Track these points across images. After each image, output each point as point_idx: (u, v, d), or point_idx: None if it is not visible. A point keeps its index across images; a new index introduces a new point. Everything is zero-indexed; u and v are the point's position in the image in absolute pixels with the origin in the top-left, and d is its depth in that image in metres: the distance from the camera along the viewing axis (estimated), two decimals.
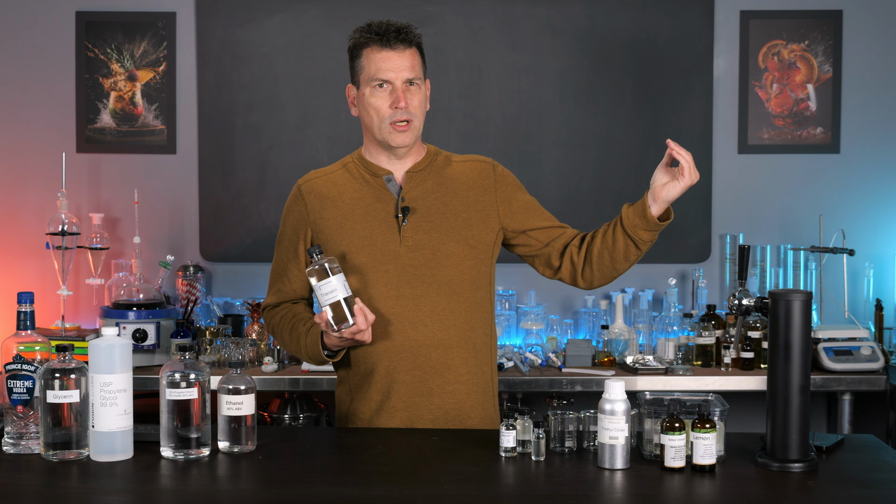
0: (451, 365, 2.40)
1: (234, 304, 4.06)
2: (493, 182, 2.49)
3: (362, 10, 4.00)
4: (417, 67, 2.40)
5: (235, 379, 2.17)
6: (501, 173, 2.51)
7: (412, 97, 2.39)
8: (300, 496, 1.92)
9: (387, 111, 2.38)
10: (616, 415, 2.04)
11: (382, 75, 2.37)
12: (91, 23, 4.08)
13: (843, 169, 4.10)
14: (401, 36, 2.39)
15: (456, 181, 2.47)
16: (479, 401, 2.44)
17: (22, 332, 2.25)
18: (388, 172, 2.45)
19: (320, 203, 2.46)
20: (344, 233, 2.42)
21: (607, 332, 3.74)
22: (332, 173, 2.50)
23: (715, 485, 1.99)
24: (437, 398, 2.40)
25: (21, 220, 4.11)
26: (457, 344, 2.41)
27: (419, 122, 2.41)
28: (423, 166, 2.47)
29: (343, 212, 2.44)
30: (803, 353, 2.07)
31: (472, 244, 2.43)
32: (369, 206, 2.43)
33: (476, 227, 2.45)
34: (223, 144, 4.10)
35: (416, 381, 2.40)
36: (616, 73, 4.08)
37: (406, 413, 2.41)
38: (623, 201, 4.05)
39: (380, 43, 2.38)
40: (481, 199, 2.47)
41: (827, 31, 4.06)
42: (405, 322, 2.39)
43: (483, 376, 2.46)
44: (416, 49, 2.42)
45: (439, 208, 2.43)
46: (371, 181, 2.45)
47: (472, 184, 2.48)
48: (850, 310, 3.96)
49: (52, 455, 2.12)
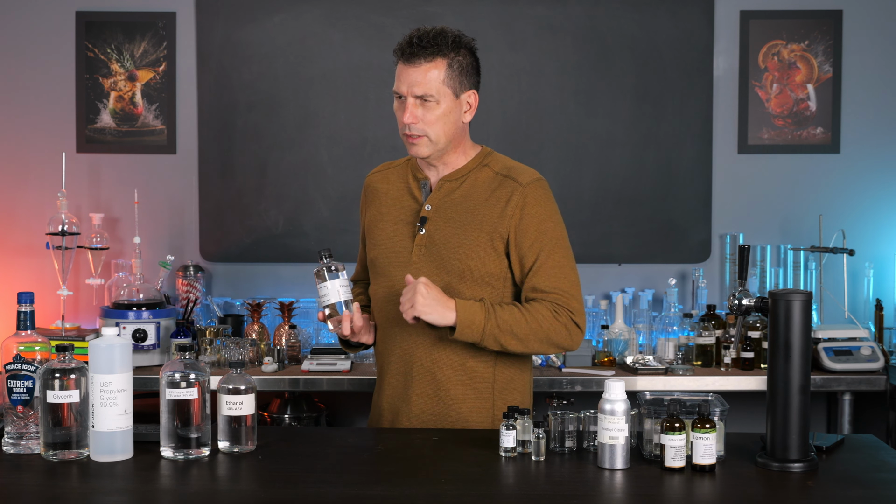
0: (443, 380, 2.40)
1: (234, 304, 4.06)
2: (515, 205, 2.38)
3: (362, 10, 4.00)
4: (434, 83, 2.34)
5: (235, 379, 2.17)
6: (532, 198, 2.39)
7: (425, 112, 2.35)
8: (300, 496, 1.92)
9: (402, 122, 2.39)
10: (616, 415, 2.04)
11: (397, 88, 2.39)
12: (91, 23, 4.08)
13: (843, 169, 4.10)
14: (419, 49, 2.34)
15: (481, 196, 2.40)
16: (479, 416, 2.41)
17: (22, 332, 2.25)
18: (426, 178, 2.46)
19: (372, 197, 2.53)
20: (378, 230, 2.48)
21: (607, 332, 3.74)
22: (391, 169, 2.55)
23: (715, 485, 1.99)
24: (451, 416, 2.41)
25: (21, 220, 4.11)
26: (448, 362, 2.40)
27: (435, 136, 2.36)
28: (460, 175, 2.43)
29: (382, 211, 2.49)
30: (803, 353, 2.07)
31: (473, 266, 2.37)
32: (402, 210, 2.46)
33: (481, 249, 2.38)
34: (223, 144, 4.10)
35: (431, 400, 2.41)
36: (616, 73, 4.08)
37: (419, 420, 2.43)
38: (623, 201, 4.13)
39: (402, 55, 2.37)
40: (497, 220, 2.38)
41: (827, 31, 4.06)
42: (402, 331, 2.42)
43: (484, 393, 2.41)
44: (445, 60, 2.35)
45: (455, 222, 2.38)
46: (412, 184, 2.47)
47: (494, 202, 2.40)
48: (850, 310, 3.96)
49: (52, 455, 2.12)
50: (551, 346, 2.37)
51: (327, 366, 3.55)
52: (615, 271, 4.11)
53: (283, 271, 4.11)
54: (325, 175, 4.09)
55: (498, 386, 2.43)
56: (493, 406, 2.42)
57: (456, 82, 2.37)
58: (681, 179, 4.09)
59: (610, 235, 4.10)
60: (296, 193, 4.10)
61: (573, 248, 2.43)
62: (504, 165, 2.45)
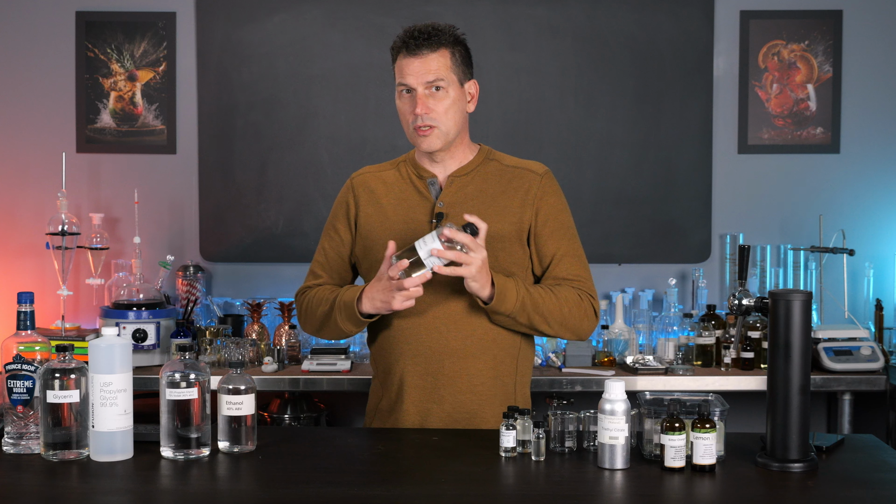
0: (466, 375, 2.39)
1: (234, 304, 4.06)
2: (534, 196, 2.42)
3: (362, 10, 4.00)
4: (443, 70, 2.36)
5: (235, 379, 2.17)
6: (549, 188, 2.44)
7: (436, 102, 2.36)
8: (300, 496, 1.92)
9: (410, 116, 2.38)
10: (616, 415, 2.04)
11: (405, 81, 2.37)
12: (91, 23, 4.08)
13: (843, 169, 4.10)
14: (422, 40, 2.35)
15: (497, 189, 2.43)
16: (497, 410, 2.40)
17: (22, 332, 2.25)
18: (433, 175, 2.44)
19: (368, 197, 2.47)
20: (383, 232, 2.43)
21: (607, 332, 3.74)
22: (384, 171, 2.51)
23: (715, 485, 1.99)
24: (447, 405, 2.40)
25: (21, 220, 4.11)
26: (473, 354, 2.39)
27: (446, 126, 2.37)
28: (469, 170, 2.44)
29: (386, 211, 2.45)
30: (803, 353, 2.07)
31: (499, 256, 2.38)
32: (410, 209, 2.43)
33: (507, 241, 2.40)
34: (223, 144, 4.10)
35: (429, 387, 2.40)
36: (616, 73, 4.08)
37: (418, 417, 2.41)
38: (623, 201, 4.12)
39: (404, 49, 2.37)
40: (518, 211, 2.41)
41: (827, 31, 4.06)
42: (421, 328, 2.39)
43: (504, 387, 2.43)
44: (448, 50, 2.38)
45: (478, 216, 2.35)
46: (417, 183, 2.45)
47: (513, 194, 2.42)
48: (850, 310, 3.96)
49: (52, 455, 2.12)
50: (569, 330, 2.41)
51: (327, 366, 3.55)
52: (615, 271, 4.11)
53: (283, 271, 4.11)
54: (325, 175, 4.09)
55: (519, 380, 2.46)
56: (515, 401, 2.45)
57: (460, 70, 2.41)
58: (681, 179, 4.09)
59: (610, 235, 4.10)
60: (296, 193, 4.10)
61: None
62: (511, 159, 2.49)
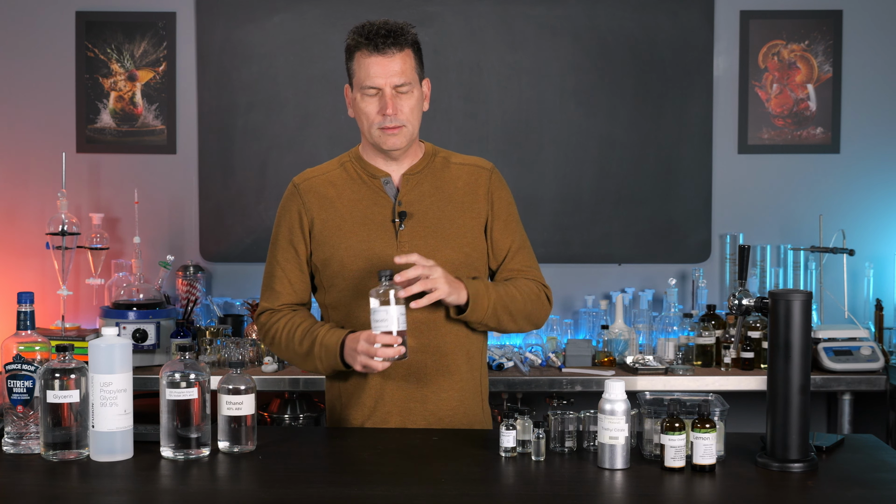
0: (447, 371, 2.40)
1: (234, 304, 4.06)
2: (487, 190, 2.45)
3: (362, 10, 4.00)
4: (409, 71, 2.34)
5: (235, 379, 2.17)
6: (498, 183, 2.48)
7: (402, 102, 2.34)
8: (300, 496, 1.92)
9: (376, 117, 2.34)
10: (616, 415, 2.04)
11: (371, 82, 2.33)
12: (91, 23, 4.08)
13: (843, 169, 4.10)
14: (390, 40, 2.32)
15: (452, 185, 2.44)
16: (470, 405, 2.43)
17: (22, 332, 2.25)
18: (387, 175, 2.42)
19: (318, 203, 2.42)
20: (342, 236, 2.39)
21: (607, 332, 3.74)
22: (330, 172, 2.46)
23: (715, 485, 1.99)
24: (430, 405, 2.40)
25: (21, 220, 4.11)
26: (452, 350, 2.40)
27: (412, 125, 2.37)
28: (421, 168, 2.44)
29: (342, 214, 2.40)
30: (803, 353, 2.07)
31: (468, 252, 2.41)
32: (367, 210, 2.40)
33: (471, 235, 2.42)
34: (223, 144, 4.10)
35: (411, 387, 2.39)
36: (616, 73, 4.08)
37: (399, 417, 2.40)
38: (623, 201, 4.12)
39: (369, 47, 2.33)
40: (475, 206, 2.44)
41: (827, 31, 4.07)
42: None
43: (473, 381, 2.46)
44: (410, 50, 2.36)
45: (435, 213, 2.40)
46: (369, 182, 2.42)
47: (469, 189, 2.45)
48: (850, 310, 3.96)
49: (52, 455, 2.12)
50: (531, 323, 2.46)
51: None
52: (615, 271, 4.11)
53: None
54: None
55: (483, 373, 2.51)
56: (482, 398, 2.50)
57: (420, 70, 2.40)
58: (681, 179, 4.10)
59: (610, 235, 4.10)
60: None
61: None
62: (458, 156, 2.50)
